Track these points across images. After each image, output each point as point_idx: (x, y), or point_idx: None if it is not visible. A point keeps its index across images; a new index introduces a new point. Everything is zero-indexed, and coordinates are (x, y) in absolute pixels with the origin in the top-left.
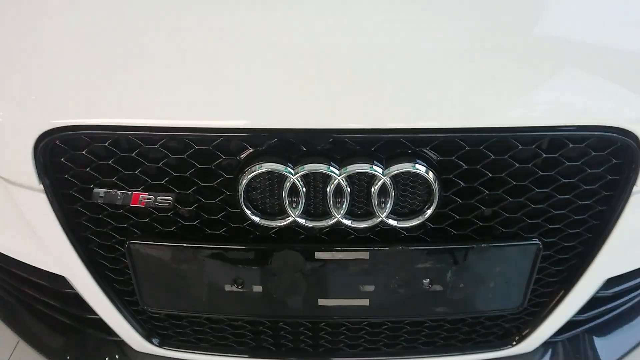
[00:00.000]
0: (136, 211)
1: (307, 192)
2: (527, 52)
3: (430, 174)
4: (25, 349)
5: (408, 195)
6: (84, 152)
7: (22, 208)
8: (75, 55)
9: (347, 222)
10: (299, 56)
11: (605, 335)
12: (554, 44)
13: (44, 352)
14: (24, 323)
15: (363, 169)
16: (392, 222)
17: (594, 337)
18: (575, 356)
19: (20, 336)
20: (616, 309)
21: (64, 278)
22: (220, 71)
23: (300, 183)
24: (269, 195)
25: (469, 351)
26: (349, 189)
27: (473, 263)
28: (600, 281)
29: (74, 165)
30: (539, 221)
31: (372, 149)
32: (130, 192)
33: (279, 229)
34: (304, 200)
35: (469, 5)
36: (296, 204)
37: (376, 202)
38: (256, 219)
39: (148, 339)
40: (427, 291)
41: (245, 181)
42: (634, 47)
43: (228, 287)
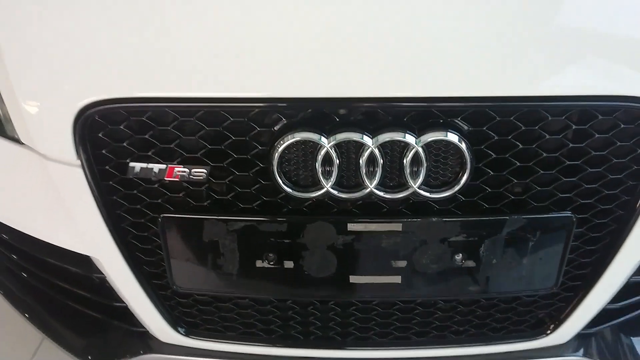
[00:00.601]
0: (170, 186)
1: (339, 164)
2: (556, 24)
3: (463, 143)
4: (49, 346)
5: (440, 166)
6: (121, 127)
7: (58, 184)
8: (112, 30)
9: (379, 193)
10: (332, 28)
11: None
12: (584, 16)
13: (67, 348)
14: (47, 320)
15: (396, 137)
16: (425, 193)
17: (630, 333)
18: (610, 352)
19: (44, 332)
20: None
21: (92, 263)
22: (254, 43)
23: (333, 152)
24: (302, 167)
25: (501, 341)
26: (381, 159)
27: (506, 236)
28: (633, 262)
29: (111, 140)
30: (571, 195)
31: (405, 119)
32: (165, 166)
33: (311, 202)
34: (337, 170)
35: None
36: (329, 174)
37: (408, 172)
38: (289, 190)
39: (174, 327)
40: (459, 267)
41: (279, 151)
42: None
43: (259, 263)
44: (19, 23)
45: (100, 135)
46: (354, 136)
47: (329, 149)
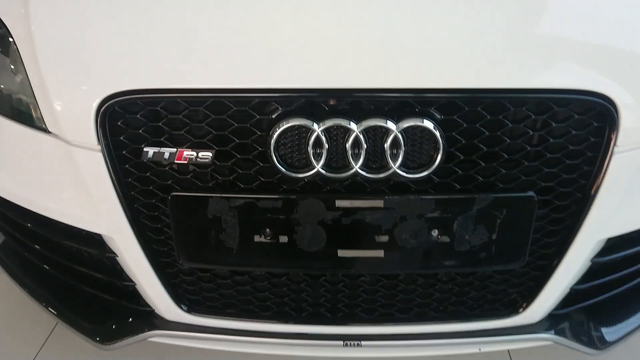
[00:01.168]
0: (179, 169)
1: (329, 147)
2: (518, 26)
3: (436, 129)
4: (62, 329)
5: (417, 150)
6: (138, 116)
7: (80, 168)
8: (131, 30)
9: (363, 173)
10: (323, 29)
11: (609, 314)
12: (543, 19)
13: (77, 329)
14: (59, 305)
15: (378, 123)
16: (403, 174)
17: (597, 315)
18: (578, 332)
19: (56, 316)
20: (618, 287)
21: (105, 243)
22: (255, 41)
23: (323, 136)
24: (296, 150)
25: (477, 319)
26: (365, 143)
27: (476, 214)
28: (593, 242)
29: (128, 128)
30: (533, 178)
31: (386, 108)
32: (175, 150)
33: (304, 182)
34: (326, 153)
35: None
36: (319, 156)
37: (389, 154)
38: (284, 171)
39: (178, 304)
40: (436, 242)
41: (275, 136)
42: (613, 20)
43: (257, 237)
44: (51, 25)
45: (119, 123)
46: (341, 122)
47: (319, 133)
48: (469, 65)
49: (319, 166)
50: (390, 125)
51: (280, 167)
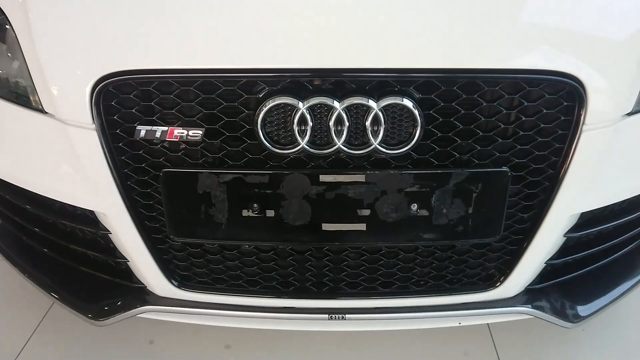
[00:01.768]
0: (170, 147)
1: (313, 125)
2: (491, 8)
3: (415, 107)
4: (57, 308)
5: (396, 128)
6: (131, 96)
7: (75, 146)
8: (124, 13)
9: (346, 149)
10: (305, 12)
11: (584, 290)
12: (515, 0)
13: (72, 307)
14: (53, 284)
15: (359, 101)
16: (384, 150)
17: (573, 291)
18: (554, 306)
19: (50, 294)
20: (592, 263)
21: (99, 220)
22: (243, 23)
23: (307, 114)
24: (282, 128)
25: (457, 292)
26: (348, 121)
27: (453, 188)
28: (565, 217)
29: (122, 107)
30: (507, 155)
31: (367, 87)
32: (167, 128)
33: (289, 159)
34: (310, 129)
35: None
36: (304, 133)
37: (370, 131)
38: (271, 147)
39: (169, 280)
40: (415, 216)
41: (262, 114)
42: (583, 5)
43: (245, 212)
44: (47, 11)
45: (112, 103)
46: (324, 100)
47: (304, 111)
48: (446, 46)
49: (303, 143)
50: (372, 103)
51: (266, 144)
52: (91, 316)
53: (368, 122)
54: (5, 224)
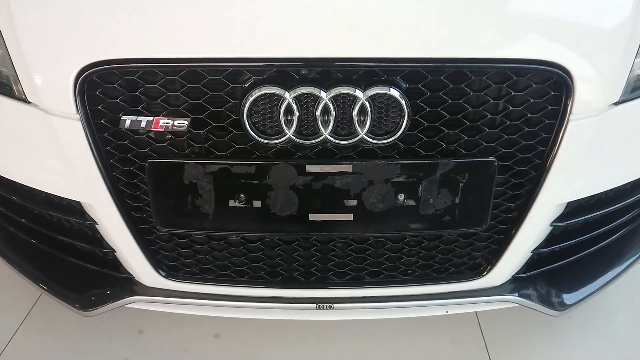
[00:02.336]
0: (156, 137)
1: (299, 115)
2: None
3: (402, 97)
4: (45, 299)
5: (383, 118)
6: (115, 85)
7: (59, 137)
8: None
9: (332, 139)
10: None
11: (569, 279)
12: None
13: (59, 297)
14: (41, 274)
15: (346, 90)
16: (370, 140)
17: (559, 279)
18: (540, 294)
19: (38, 285)
20: (577, 252)
21: (85, 211)
22: (227, 11)
23: (294, 104)
24: (268, 118)
25: (444, 281)
26: (334, 111)
27: (439, 178)
28: (552, 206)
29: (106, 97)
30: (494, 145)
31: (353, 77)
32: (152, 118)
33: (276, 149)
34: (297, 120)
35: None
36: (291, 123)
37: (357, 121)
38: (257, 137)
39: (157, 270)
40: (402, 206)
41: (248, 104)
42: None
43: (232, 202)
44: None
45: (97, 93)
46: (311, 90)
47: (290, 100)
48: (433, 35)
49: (290, 133)
50: (358, 93)
51: (253, 134)
52: (78, 306)
53: (355, 112)
54: None
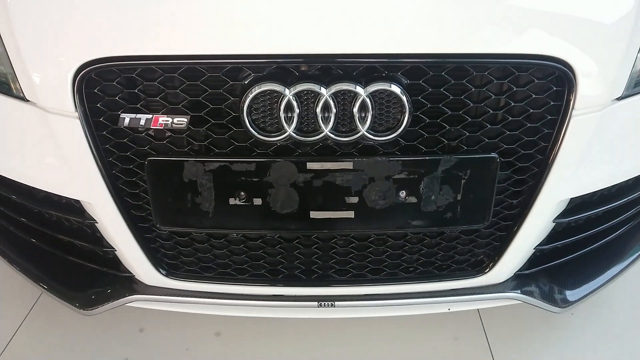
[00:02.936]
0: (155, 135)
1: (300, 112)
2: None
3: (402, 93)
4: (46, 298)
5: (384, 114)
6: (114, 83)
7: (58, 135)
8: None
9: (333, 136)
10: None
11: (572, 275)
12: None
13: (60, 296)
14: (41, 273)
15: (347, 87)
16: (371, 136)
17: (561, 276)
18: (543, 291)
19: (38, 284)
20: (580, 249)
21: (85, 210)
22: (227, 8)
23: (294, 101)
24: (268, 115)
25: (446, 279)
26: (335, 108)
27: (441, 174)
28: (554, 202)
29: (105, 95)
30: (496, 141)
31: (354, 73)
32: (151, 116)
33: (276, 146)
34: (297, 116)
35: None
36: (291, 120)
37: (357, 117)
38: (257, 135)
39: (157, 268)
40: (403, 203)
41: (248, 101)
42: None
43: (232, 200)
44: None
45: (95, 90)
46: (311, 87)
47: (290, 97)
48: (433, 30)
49: (290, 130)
50: (359, 89)
51: (253, 131)
52: (79, 305)
53: (355, 109)
54: None
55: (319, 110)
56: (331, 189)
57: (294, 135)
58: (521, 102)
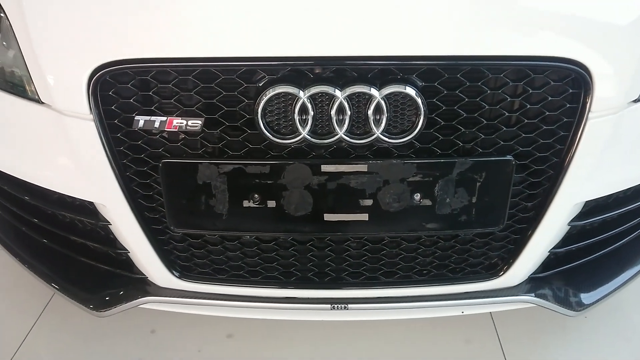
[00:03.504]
0: (169, 137)
1: (314, 114)
2: None
3: (418, 95)
4: (58, 299)
5: (399, 117)
6: (128, 85)
7: (72, 137)
8: (120, 1)
9: (348, 139)
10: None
11: (587, 278)
12: None
13: (73, 297)
14: (54, 275)
15: (361, 89)
16: (386, 139)
17: (576, 279)
18: (557, 295)
19: (52, 286)
20: (595, 251)
21: (98, 211)
22: (241, 10)
23: (308, 103)
24: (283, 117)
25: (460, 282)
26: (349, 110)
27: (456, 177)
28: (570, 205)
29: (119, 97)
30: (511, 143)
31: (369, 75)
32: (166, 118)
33: (290, 148)
34: (312, 119)
35: None
36: (305, 122)
37: (372, 120)
38: (271, 137)
39: (170, 270)
40: (418, 206)
41: (262, 103)
42: None
43: (246, 203)
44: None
45: (110, 93)
46: (326, 89)
47: (304, 100)
48: (449, 32)
49: (305, 132)
50: (374, 92)
51: (267, 134)
52: (93, 307)
53: (370, 111)
54: (4, 215)
55: (333, 112)
56: (345, 191)
57: (309, 137)
58: (537, 104)
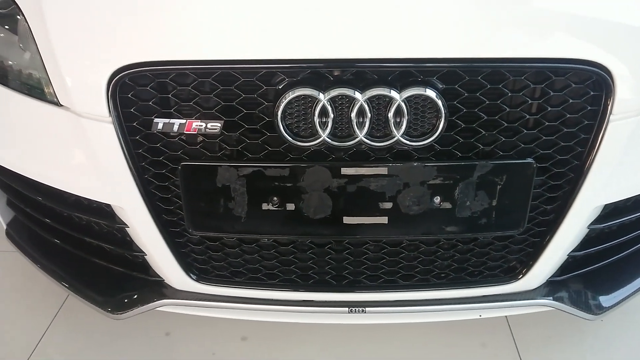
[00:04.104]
0: (188, 140)
1: (334, 116)
2: None
3: (438, 97)
4: (73, 300)
5: (419, 119)
6: (148, 88)
7: (91, 139)
8: (140, 3)
9: (368, 141)
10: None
11: (606, 281)
12: None
13: (90, 300)
14: (70, 278)
15: (382, 92)
16: (407, 142)
17: (595, 282)
18: (576, 298)
19: (67, 288)
20: (615, 254)
21: (115, 214)
22: (262, 13)
23: (329, 105)
24: (302, 120)
25: (478, 285)
26: (370, 112)
27: (477, 180)
28: (590, 208)
29: (138, 100)
30: (532, 146)
31: (389, 78)
32: (185, 121)
33: (310, 151)
34: (331, 121)
35: None
36: (325, 125)
37: (392, 122)
38: (291, 140)
39: (187, 273)
40: (438, 209)
41: (282, 106)
42: None
43: (265, 205)
44: (61, 1)
45: (129, 95)
46: (346, 91)
47: (325, 102)
48: (470, 35)
49: (324, 135)
50: (394, 94)
51: (287, 136)
52: (110, 310)
53: (390, 114)
54: (20, 217)
55: (353, 115)
56: (365, 194)
57: (328, 140)
58: (558, 106)
